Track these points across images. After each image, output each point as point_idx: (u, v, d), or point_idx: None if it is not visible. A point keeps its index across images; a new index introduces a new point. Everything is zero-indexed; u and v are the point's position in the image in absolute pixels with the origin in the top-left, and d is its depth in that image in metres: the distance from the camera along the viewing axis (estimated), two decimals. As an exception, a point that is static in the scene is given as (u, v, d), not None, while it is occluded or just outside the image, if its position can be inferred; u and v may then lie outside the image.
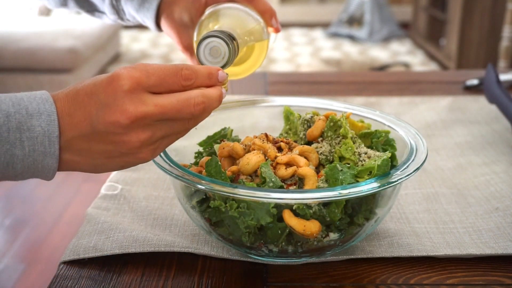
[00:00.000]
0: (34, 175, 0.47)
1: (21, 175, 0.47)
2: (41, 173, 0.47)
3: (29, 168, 0.46)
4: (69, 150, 0.47)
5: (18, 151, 0.45)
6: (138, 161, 0.49)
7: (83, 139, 0.47)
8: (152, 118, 0.46)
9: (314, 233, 0.51)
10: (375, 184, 0.51)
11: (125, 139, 0.46)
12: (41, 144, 0.45)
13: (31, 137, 0.45)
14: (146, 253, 0.58)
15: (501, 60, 2.53)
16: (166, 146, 0.50)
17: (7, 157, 0.45)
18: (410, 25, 4.51)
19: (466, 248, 0.58)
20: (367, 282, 0.54)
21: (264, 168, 0.53)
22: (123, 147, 0.47)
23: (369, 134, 0.61)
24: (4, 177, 0.46)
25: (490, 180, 0.72)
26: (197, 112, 0.48)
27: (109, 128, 0.46)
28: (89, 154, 0.47)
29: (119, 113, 0.45)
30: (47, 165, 0.46)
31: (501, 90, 0.84)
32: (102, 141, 0.47)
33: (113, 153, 0.47)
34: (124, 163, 0.48)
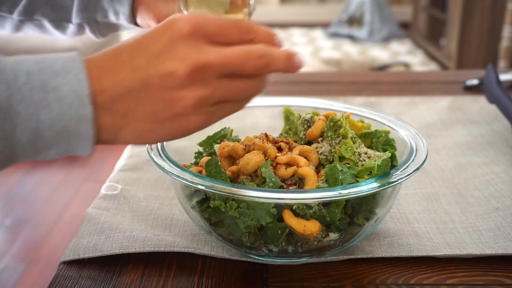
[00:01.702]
0: (69, 149, 0.41)
1: (54, 150, 0.40)
2: (76, 145, 0.40)
3: (61, 137, 0.39)
4: (112, 112, 0.40)
5: (45, 115, 0.39)
6: (189, 127, 0.42)
7: (129, 97, 0.40)
8: (214, 69, 0.40)
9: (314, 233, 0.51)
10: (375, 184, 0.51)
11: (180, 95, 0.40)
12: (70, 106, 0.39)
13: (59, 97, 0.39)
14: (146, 253, 0.58)
15: (501, 60, 2.53)
16: (222, 115, 0.44)
17: (32, 124, 0.38)
18: (410, 25, 4.51)
19: (466, 248, 0.58)
20: (367, 282, 0.54)
21: (264, 168, 0.53)
22: (176, 106, 0.41)
23: (369, 134, 0.61)
24: (35, 152, 0.40)
25: (490, 180, 0.72)
26: (261, 65, 0.42)
27: (164, 80, 0.40)
28: (135, 116, 0.41)
29: (177, 61, 0.40)
30: (81, 133, 0.40)
31: (501, 90, 0.84)
32: (153, 98, 0.40)
33: (163, 115, 0.41)
34: (173, 129, 0.42)
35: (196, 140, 0.66)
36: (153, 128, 0.42)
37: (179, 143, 0.63)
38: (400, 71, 2.49)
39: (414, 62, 3.79)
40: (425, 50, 4.05)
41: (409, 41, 4.36)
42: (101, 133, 0.41)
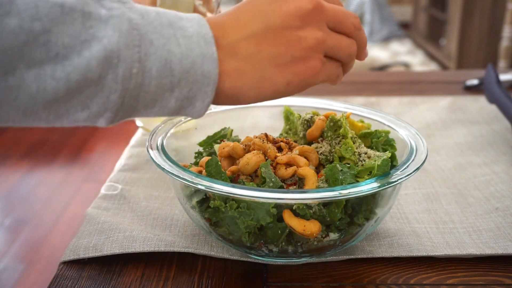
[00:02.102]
0: (191, 94, 0.42)
1: (177, 91, 0.41)
2: (199, 88, 0.42)
3: (187, 74, 0.41)
4: (235, 55, 0.43)
5: (175, 47, 0.40)
6: (308, 72, 0.44)
7: (253, 39, 0.43)
8: (327, 14, 0.44)
9: (314, 233, 0.51)
10: (375, 184, 0.51)
11: (300, 35, 0.43)
12: (197, 44, 0.41)
13: (186, 36, 0.41)
14: (146, 253, 0.58)
15: (501, 60, 2.53)
16: (331, 73, 0.47)
17: (164, 54, 0.40)
18: (410, 25, 4.51)
19: (466, 248, 0.58)
20: (367, 282, 0.54)
21: (264, 168, 0.53)
22: (297, 47, 0.43)
23: (369, 134, 0.61)
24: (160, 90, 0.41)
25: (490, 180, 0.72)
26: (355, 26, 0.47)
27: (287, 19, 0.43)
28: (258, 60, 0.43)
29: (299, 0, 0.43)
30: (207, 71, 0.41)
31: (501, 90, 0.84)
32: (275, 40, 0.43)
33: (285, 58, 0.43)
34: (293, 74, 0.44)
35: (196, 140, 0.66)
36: (274, 74, 0.43)
37: (179, 143, 0.63)
38: (400, 71, 2.49)
39: (414, 62, 3.79)
40: (425, 50, 4.05)
41: (409, 41, 4.36)
42: (223, 78, 0.42)
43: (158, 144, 0.58)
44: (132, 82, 0.40)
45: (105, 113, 0.41)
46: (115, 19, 0.39)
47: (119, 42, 0.38)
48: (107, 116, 0.41)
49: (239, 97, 0.44)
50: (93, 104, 0.40)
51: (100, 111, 0.40)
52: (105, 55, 0.38)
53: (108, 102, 0.40)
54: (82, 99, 0.39)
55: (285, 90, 0.45)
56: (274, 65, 0.43)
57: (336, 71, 0.48)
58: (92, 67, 0.38)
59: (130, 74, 0.39)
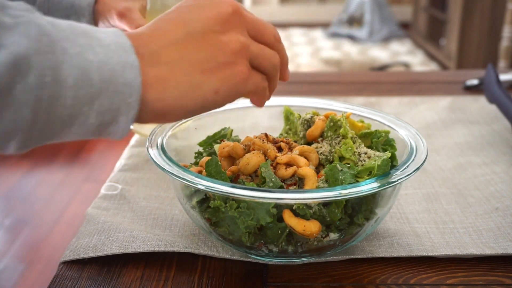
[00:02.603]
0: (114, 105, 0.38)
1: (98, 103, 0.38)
2: (122, 99, 0.38)
3: (108, 84, 0.38)
4: (158, 63, 0.40)
5: (91, 56, 0.37)
6: (235, 78, 0.43)
7: (174, 46, 0.41)
8: (247, 20, 0.44)
9: (314, 233, 0.51)
10: (375, 184, 0.51)
11: (223, 39, 0.42)
12: (115, 52, 0.38)
13: (102, 45, 0.38)
14: (146, 253, 0.58)
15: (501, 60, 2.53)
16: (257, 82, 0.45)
17: (79, 61, 0.37)
18: (410, 25, 4.51)
19: (466, 248, 0.58)
20: (367, 282, 0.54)
21: (264, 168, 0.53)
22: (220, 52, 0.42)
23: (369, 134, 0.61)
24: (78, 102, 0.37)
25: (490, 180, 0.72)
26: (278, 36, 0.47)
27: (207, 25, 0.42)
28: (182, 66, 0.41)
29: (220, 4, 0.42)
30: (129, 80, 0.38)
31: (501, 90, 0.84)
32: (198, 46, 0.41)
33: (210, 63, 0.41)
34: (220, 80, 0.42)
35: (196, 140, 0.66)
36: (200, 81, 0.41)
37: (179, 143, 0.63)
38: (400, 71, 2.49)
39: (414, 62, 3.79)
40: (425, 50, 4.05)
41: (409, 41, 4.36)
42: (147, 89, 0.40)
43: (158, 144, 0.58)
44: (46, 92, 0.36)
45: (15, 134, 0.36)
46: (22, 26, 0.35)
47: (28, 47, 0.35)
48: (19, 138, 0.36)
49: (165, 109, 0.41)
50: (1, 120, 0.35)
51: (10, 131, 0.36)
52: (13, 61, 0.34)
53: (19, 119, 0.35)
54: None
55: (214, 99, 0.42)
56: (199, 71, 0.41)
57: (262, 83, 0.46)
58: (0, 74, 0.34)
59: (43, 83, 0.35)
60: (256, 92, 0.46)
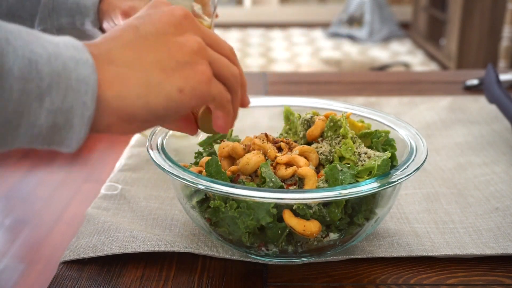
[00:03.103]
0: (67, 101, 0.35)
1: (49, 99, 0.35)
2: (77, 96, 0.35)
3: (59, 78, 0.35)
4: (113, 62, 0.38)
5: (39, 49, 0.34)
6: (198, 77, 0.40)
7: (129, 47, 0.39)
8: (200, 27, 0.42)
9: (314, 233, 0.51)
10: (375, 184, 0.51)
11: (180, 40, 0.40)
12: (66, 49, 0.36)
13: (51, 41, 0.35)
14: (146, 253, 0.58)
15: (501, 60, 2.53)
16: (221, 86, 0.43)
17: (25, 52, 0.34)
18: (410, 25, 4.51)
19: (466, 248, 0.58)
20: (367, 282, 0.54)
21: (264, 168, 0.53)
22: (179, 52, 0.40)
23: (369, 134, 0.61)
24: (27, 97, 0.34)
25: (490, 180, 0.72)
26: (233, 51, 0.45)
27: (161, 27, 0.40)
28: (139, 65, 0.38)
29: (171, 10, 0.41)
30: (83, 77, 0.35)
31: (501, 90, 0.84)
32: (154, 47, 0.39)
33: (169, 63, 0.39)
34: (183, 79, 0.39)
35: (196, 140, 0.66)
36: (162, 79, 0.39)
37: (179, 143, 0.63)
38: (400, 71, 2.50)
39: (414, 62, 3.79)
40: (425, 50, 4.05)
41: (409, 41, 4.36)
42: (105, 86, 0.37)
43: (158, 144, 0.58)
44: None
45: None
46: None
47: None
48: None
49: (127, 109, 0.38)
50: None
51: None
52: None
53: None
54: None
55: (179, 98, 0.39)
56: (159, 70, 0.39)
57: (225, 93, 0.43)
58: None
59: None
60: (220, 104, 0.43)
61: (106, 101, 0.37)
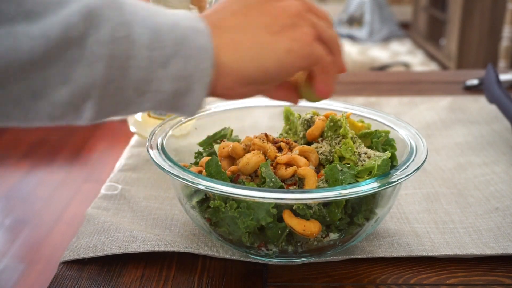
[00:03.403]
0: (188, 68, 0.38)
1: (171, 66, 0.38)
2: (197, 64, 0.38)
3: (180, 46, 0.38)
4: (225, 28, 0.41)
5: (161, 19, 0.38)
6: (304, 38, 0.42)
7: (237, 14, 0.42)
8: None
9: (314, 233, 0.51)
10: (375, 184, 0.51)
11: (282, 5, 0.42)
12: (184, 19, 0.39)
13: (170, 13, 0.39)
14: (146, 253, 0.58)
15: (501, 60, 2.53)
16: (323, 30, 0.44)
17: (150, 23, 0.37)
18: (410, 25, 4.51)
19: (466, 248, 0.58)
20: (367, 282, 0.54)
21: (264, 168, 0.53)
22: (282, 16, 0.42)
23: (369, 134, 0.61)
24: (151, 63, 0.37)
25: (490, 180, 0.72)
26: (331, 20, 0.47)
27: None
28: (249, 30, 0.41)
29: None
30: (201, 45, 0.38)
31: (501, 90, 0.84)
32: (259, 12, 0.42)
33: (275, 27, 0.41)
34: (290, 40, 0.42)
35: (196, 140, 0.66)
36: (271, 41, 0.41)
37: (179, 143, 0.63)
38: (400, 71, 2.49)
39: (414, 62, 3.79)
40: (425, 50, 4.05)
41: (409, 41, 4.36)
42: (221, 51, 0.40)
43: (158, 144, 0.58)
44: (119, 48, 0.36)
45: (91, 92, 0.36)
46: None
47: (98, 2, 0.35)
48: (95, 99, 0.37)
49: (243, 71, 0.41)
50: (75, 74, 0.35)
51: (85, 88, 0.36)
52: (86, 11, 0.35)
53: (94, 74, 0.36)
54: (62, 66, 0.35)
55: (288, 59, 0.42)
56: (267, 33, 0.41)
57: (327, 56, 0.45)
58: (73, 23, 0.34)
59: (116, 38, 0.36)
60: (323, 66, 0.45)
61: (223, 65, 0.40)
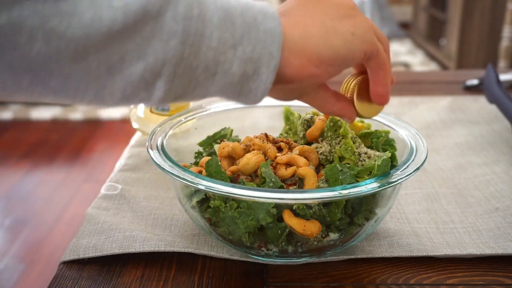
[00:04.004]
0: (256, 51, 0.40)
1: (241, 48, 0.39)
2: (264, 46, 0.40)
3: (250, 29, 0.39)
4: (291, 15, 0.43)
5: (233, 1, 0.40)
6: (363, 24, 0.45)
7: (299, 6, 0.44)
8: None
9: (314, 233, 0.51)
10: (375, 184, 0.51)
11: (338, 1, 0.45)
12: (255, 4, 0.41)
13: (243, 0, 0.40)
14: (146, 253, 0.58)
15: (501, 60, 2.53)
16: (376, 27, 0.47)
17: (223, 4, 0.39)
18: (410, 25, 4.51)
19: (466, 248, 0.58)
20: (367, 282, 0.54)
21: (264, 168, 0.53)
22: (340, 7, 0.44)
23: (369, 134, 0.61)
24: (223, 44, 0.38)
25: (490, 180, 0.72)
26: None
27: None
28: (314, 15, 0.43)
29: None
30: (270, 28, 0.40)
31: (501, 90, 0.84)
32: (319, 5, 0.44)
33: (335, 15, 0.44)
34: (352, 25, 0.44)
35: (196, 140, 0.66)
36: (335, 24, 0.43)
37: (179, 143, 0.63)
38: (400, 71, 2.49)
39: (414, 62, 3.79)
40: (425, 50, 4.05)
41: (409, 41, 4.36)
42: (289, 29, 0.41)
43: (158, 144, 0.58)
44: (193, 25, 0.37)
45: (163, 68, 0.37)
46: None
47: None
48: (167, 76, 0.37)
49: (312, 48, 0.42)
50: (150, 50, 0.36)
51: (159, 63, 0.37)
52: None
53: (168, 49, 0.37)
54: (139, 41, 0.36)
55: (353, 40, 0.43)
56: (330, 18, 0.43)
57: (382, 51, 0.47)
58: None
59: (191, 15, 0.37)
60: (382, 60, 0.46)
61: (292, 43, 0.41)
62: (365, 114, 0.51)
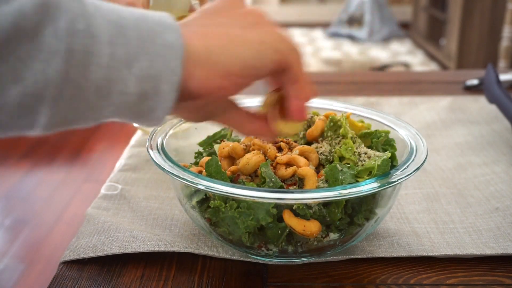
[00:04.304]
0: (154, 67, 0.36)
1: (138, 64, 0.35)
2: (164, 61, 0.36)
3: (146, 43, 0.35)
4: (194, 25, 0.39)
5: (126, 13, 0.35)
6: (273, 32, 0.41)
7: (203, 17, 0.41)
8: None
9: (314, 233, 0.51)
10: (375, 184, 0.51)
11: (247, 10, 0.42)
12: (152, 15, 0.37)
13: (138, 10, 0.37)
14: (146, 253, 0.58)
15: (501, 60, 2.53)
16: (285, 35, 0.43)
17: (113, 16, 0.35)
18: (410, 25, 4.50)
19: (466, 248, 0.58)
20: (367, 282, 0.54)
21: (264, 168, 0.53)
22: (248, 16, 0.41)
23: (369, 134, 0.61)
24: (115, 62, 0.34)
25: (490, 180, 0.72)
26: None
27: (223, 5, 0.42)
28: (218, 24, 0.40)
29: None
30: (170, 42, 0.36)
31: (501, 90, 0.84)
32: (225, 14, 0.41)
33: (243, 23, 0.41)
34: (260, 34, 0.40)
35: (196, 140, 0.66)
36: (241, 33, 0.40)
37: (179, 143, 0.63)
38: (400, 71, 2.50)
39: (414, 62, 3.79)
40: (425, 50, 4.05)
41: (409, 41, 4.36)
42: (192, 40, 0.38)
43: (158, 144, 0.58)
44: (78, 42, 0.33)
45: (46, 92, 0.33)
46: None
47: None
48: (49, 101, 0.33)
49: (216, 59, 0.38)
50: (28, 72, 0.32)
51: (39, 88, 0.32)
52: (41, 1, 0.32)
53: (50, 69, 0.32)
54: (13, 62, 0.31)
55: (261, 49, 0.39)
56: (236, 27, 0.40)
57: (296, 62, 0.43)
58: (26, 13, 0.31)
59: (75, 30, 0.33)
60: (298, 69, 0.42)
61: (196, 54, 0.38)
62: (286, 130, 0.47)
